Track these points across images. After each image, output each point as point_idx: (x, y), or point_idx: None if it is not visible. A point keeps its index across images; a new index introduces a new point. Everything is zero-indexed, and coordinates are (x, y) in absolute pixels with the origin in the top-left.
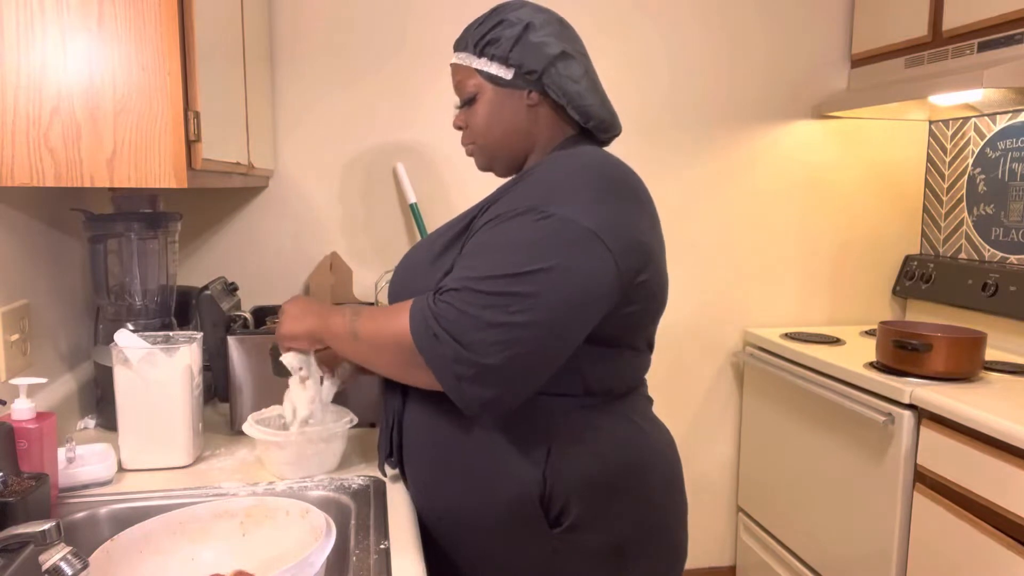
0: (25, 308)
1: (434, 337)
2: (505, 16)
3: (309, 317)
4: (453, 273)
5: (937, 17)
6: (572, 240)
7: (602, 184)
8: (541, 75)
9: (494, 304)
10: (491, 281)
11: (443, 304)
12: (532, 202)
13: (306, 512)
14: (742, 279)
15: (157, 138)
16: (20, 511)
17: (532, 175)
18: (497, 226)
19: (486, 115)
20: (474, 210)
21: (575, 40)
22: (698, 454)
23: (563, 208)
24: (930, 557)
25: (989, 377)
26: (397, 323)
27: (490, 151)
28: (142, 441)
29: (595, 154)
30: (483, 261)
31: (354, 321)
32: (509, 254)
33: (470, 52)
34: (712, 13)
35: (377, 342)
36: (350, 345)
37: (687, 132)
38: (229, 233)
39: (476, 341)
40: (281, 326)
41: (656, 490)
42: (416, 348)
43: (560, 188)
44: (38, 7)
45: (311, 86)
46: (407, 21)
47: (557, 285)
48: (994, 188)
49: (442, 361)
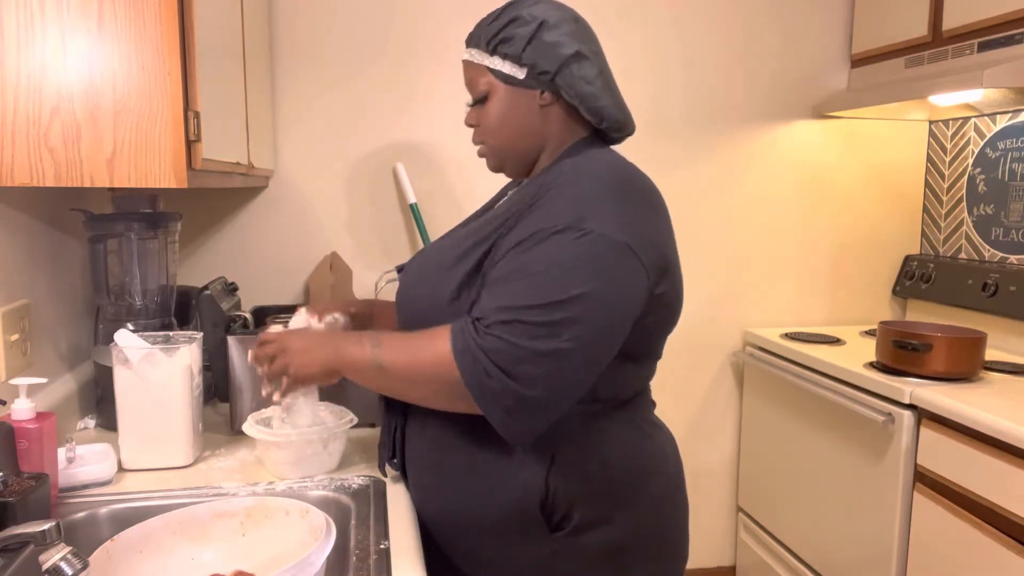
0: (25, 308)
1: (484, 373)
2: (519, 13)
3: (318, 350)
4: (494, 299)
5: (937, 17)
6: (611, 257)
7: (630, 195)
8: (554, 76)
9: (544, 334)
10: (540, 310)
11: (491, 338)
12: (567, 220)
13: (306, 512)
14: (742, 279)
15: (157, 138)
16: (20, 511)
17: (556, 188)
18: (533, 247)
19: (498, 114)
20: (494, 222)
21: (590, 39)
22: (698, 454)
23: (598, 223)
24: (930, 557)
25: (989, 377)
26: (434, 355)
27: (501, 151)
28: (142, 441)
29: (615, 162)
30: (527, 287)
31: (376, 351)
32: (553, 279)
33: (482, 50)
34: (712, 13)
35: (411, 375)
36: (374, 377)
37: (687, 132)
38: (229, 233)
39: (527, 373)
40: (289, 365)
41: (658, 494)
42: (463, 384)
43: (590, 202)
44: (38, 7)
45: (311, 86)
46: (407, 21)
47: (601, 306)
48: (994, 188)
49: (492, 396)
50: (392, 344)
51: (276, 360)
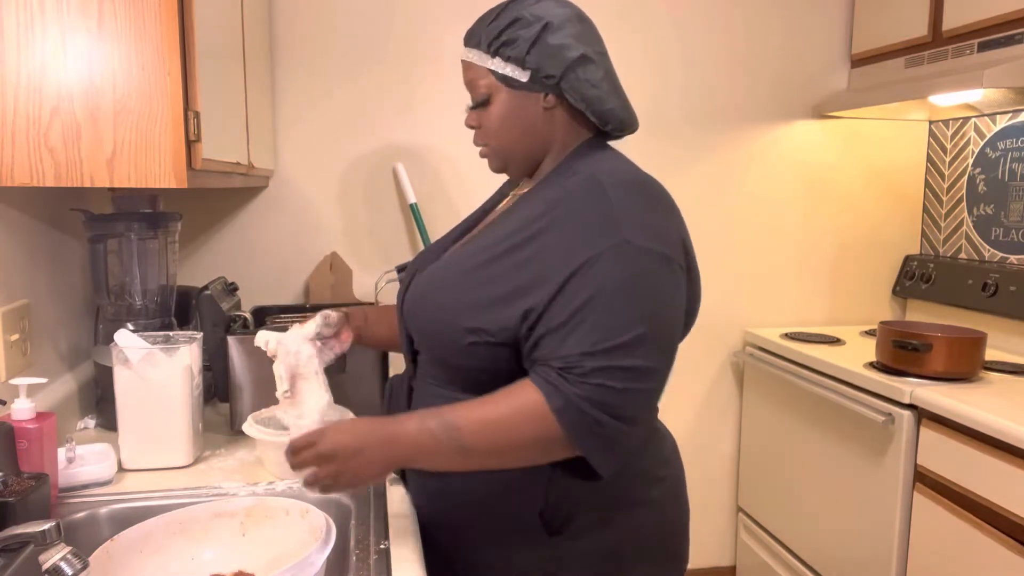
0: (25, 308)
1: (595, 423)
2: (521, 13)
3: (375, 450)
4: (575, 343)
5: (937, 17)
6: (663, 271)
7: (657, 202)
8: (559, 80)
9: (637, 366)
10: (622, 351)
11: (591, 387)
12: (608, 240)
13: (306, 512)
14: (742, 279)
15: (157, 138)
16: (20, 511)
17: (582, 203)
18: (588, 280)
19: (500, 117)
20: (515, 238)
21: (595, 39)
22: (698, 454)
23: (639, 238)
24: (930, 557)
25: (989, 377)
26: (529, 420)
27: (505, 154)
28: (142, 441)
29: (631, 169)
30: (601, 325)
31: (451, 434)
32: (624, 308)
33: (483, 51)
34: (712, 13)
35: (502, 448)
36: (458, 461)
37: (687, 132)
38: (229, 233)
39: (631, 412)
40: (341, 474)
41: (659, 497)
42: (568, 438)
43: (625, 217)
44: (38, 7)
45: (311, 86)
46: (408, 21)
47: (665, 323)
48: (994, 188)
49: (602, 442)
50: (468, 421)
51: (322, 468)
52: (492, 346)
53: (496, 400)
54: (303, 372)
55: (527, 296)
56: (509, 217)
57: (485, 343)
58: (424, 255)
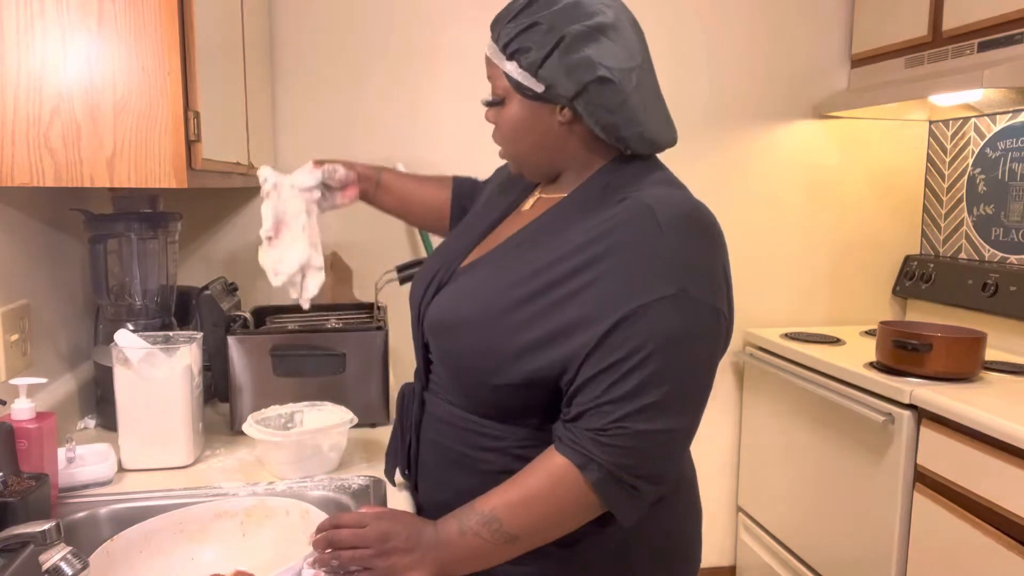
0: (25, 308)
1: (631, 488)
2: (539, 18)
3: (428, 551)
4: (610, 397)
5: (937, 17)
6: (713, 327)
7: (709, 242)
8: (573, 100)
9: (672, 428)
10: (665, 410)
11: (629, 451)
12: (664, 287)
13: (306, 512)
14: (742, 279)
15: (157, 138)
16: (20, 511)
17: (634, 238)
18: (639, 327)
19: (513, 125)
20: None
21: (625, 54)
22: (698, 454)
23: (695, 286)
24: (930, 557)
25: (989, 377)
26: (573, 499)
27: (518, 161)
28: (142, 441)
29: (686, 203)
30: (647, 379)
31: (494, 526)
32: (671, 365)
33: (499, 51)
34: (711, 13)
35: (548, 529)
36: (507, 551)
37: (686, 132)
38: (229, 233)
39: (665, 471)
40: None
41: (672, 504)
42: (604, 506)
43: (680, 259)
44: (38, 7)
45: (311, 86)
46: (408, 21)
47: (707, 379)
48: (994, 188)
49: (635, 502)
50: (507, 508)
51: (359, 552)
52: (524, 388)
53: (528, 480)
54: (288, 221)
55: (569, 341)
56: (545, 238)
57: (516, 387)
58: (443, 257)
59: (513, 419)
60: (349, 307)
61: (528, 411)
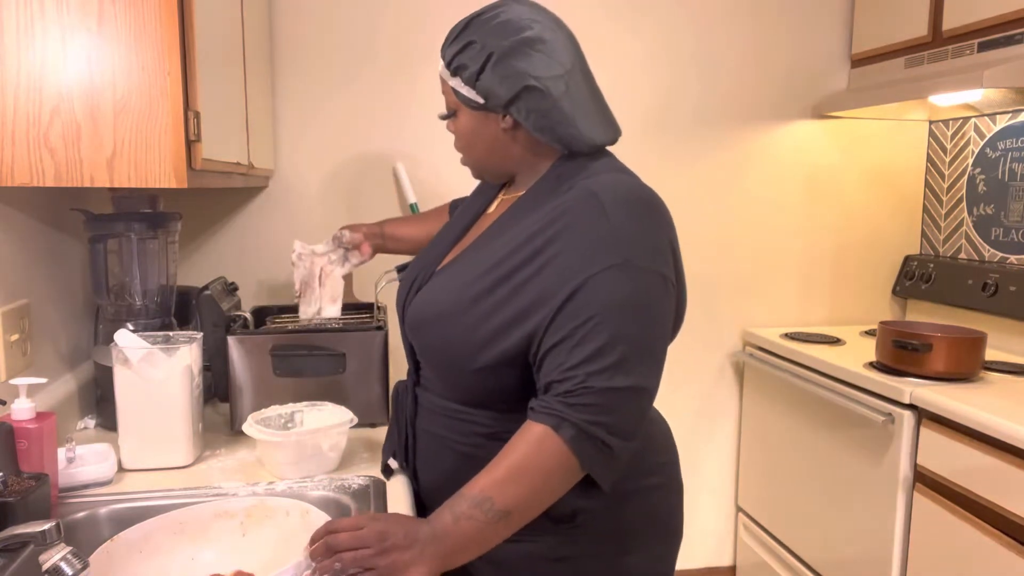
0: (25, 308)
1: (603, 444)
2: (472, 39)
3: (427, 546)
4: (572, 362)
5: (937, 17)
6: (660, 290)
7: (652, 217)
8: (508, 107)
9: (634, 385)
10: (625, 370)
11: (597, 409)
12: (608, 259)
13: (306, 512)
14: (742, 279)
15: (157, 138)
16: (20, 511)
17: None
18: (589, 297)
19: (465, 134)
20: (514, 259)
21: (550, 62)
22: (698, 454)
23: (638, 255)
24: (930, 557)
25: (989, 377)
26: (556, 463)
27: (476, 167)
28: (142, 441)
29: (630, 184)
30: (603, 342)
31: (486, 505)
32: (624, 328)
33: (446, 68)
34: (711, 14)
35: (539, 499)
36: (503, 528)
37: (686, 132)
38: (229, 233)
39: (633, 428)
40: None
41: (659, 485)
42: (581, 464)
43: (626, 235)
44: (38, 7)
45: (311, 86)
46: (408, 21)
47: (661, 339)
48: (994, 188)
49: (608, 461)
50: (493, 484)
51: (358, 553)
52: (498, 369)
53: (510, 454)
54: (309, 282)
55: (529, 319)
56: (505, 231)
57: (491, 368)
58: (422, 262)
59: (498, 405)
60: (349, 307)
61: (508, 393)
